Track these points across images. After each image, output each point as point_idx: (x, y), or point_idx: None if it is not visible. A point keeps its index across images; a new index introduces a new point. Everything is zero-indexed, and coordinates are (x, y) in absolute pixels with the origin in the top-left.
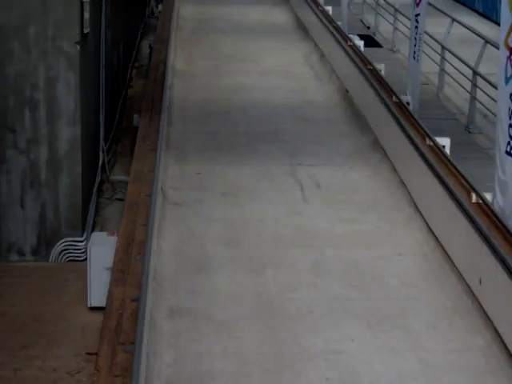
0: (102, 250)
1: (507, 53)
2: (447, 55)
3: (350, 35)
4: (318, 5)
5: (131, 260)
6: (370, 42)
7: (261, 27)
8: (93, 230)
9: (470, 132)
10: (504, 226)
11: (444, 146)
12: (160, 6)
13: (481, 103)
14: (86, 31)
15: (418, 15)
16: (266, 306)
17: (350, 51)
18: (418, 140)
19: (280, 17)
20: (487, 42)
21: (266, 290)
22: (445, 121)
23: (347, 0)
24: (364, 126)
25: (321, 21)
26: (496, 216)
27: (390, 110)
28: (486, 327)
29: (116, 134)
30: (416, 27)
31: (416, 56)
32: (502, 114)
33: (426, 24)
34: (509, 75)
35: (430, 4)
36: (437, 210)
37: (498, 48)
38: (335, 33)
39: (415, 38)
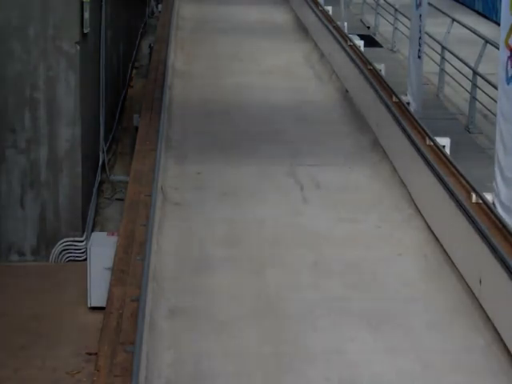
0: (102, 250)
1: (508, 53)
2: (447, 55)
3: (350, 35)
4: (317, 5)
5: (131, 260)
6: (370, 41)
7: (261, 27)
8: (93, 230)
9: (469, 132)
10: (504, 225)
11: (444, 146)
12: (160, 6)
13: (481, 103)
14: (86, 31)
15: (420, 16)
16: (266, 306)
17: (350, 51)
18: (418, 140)
19: (280, 17)
20: (487, 41)
21: (266, 290)
22: (445, 121)
23: (345, 0)
24: (364, 126)
25: (321, 21)
26: (496, 216)
27: (390, 110)
28: (485, 327)
29: (116, 134)
30: (419, 27)
31: (420, 54)
32: (507, 114)
33: (426, 24)
34: (510, 75)
35: (430, 4)
36: (437, 209)
37: (498, 48)
38: (335, 33)
39: (419, 38)
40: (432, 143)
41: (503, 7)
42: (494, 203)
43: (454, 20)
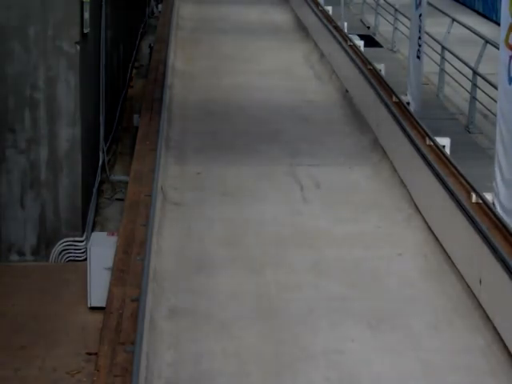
0: (102, 250)
1: (510, 52)
2: (447, 55)
3: (350, 35)
4: (317, 5)
5: (131, 260)
6: (370, 41)
7: (261, 27)
8: (93, 230)
9: (469, 132)
10: (504, 225)
11: (444, 146)
12: (160, 6)
13: (481, 103)
14: (85, 31)
15: (420, 15)
16: (266, 306)
17: (350, 51)
18: (418, 140)
19: (280, 17)
20: (487, 41)
21: (266, 289)
22: (445, 121)
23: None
24: (364, 125)
25: (321, 21)
26: (496, 216)
27: (390, 110)
28: (485, 327)
29: (116, 134)
30: (419, 27)
31: (419, 54)
32: (507, 114)
33: (426, 24)
34: (511, 75)
35: (430, 4)
36: (437, 209)
37: (498, 48)
38: (335, 33)
39: (419, 38)
40: (432, 143)
41: (503, 7)
42: (493, 203)
43: (454, 20)
